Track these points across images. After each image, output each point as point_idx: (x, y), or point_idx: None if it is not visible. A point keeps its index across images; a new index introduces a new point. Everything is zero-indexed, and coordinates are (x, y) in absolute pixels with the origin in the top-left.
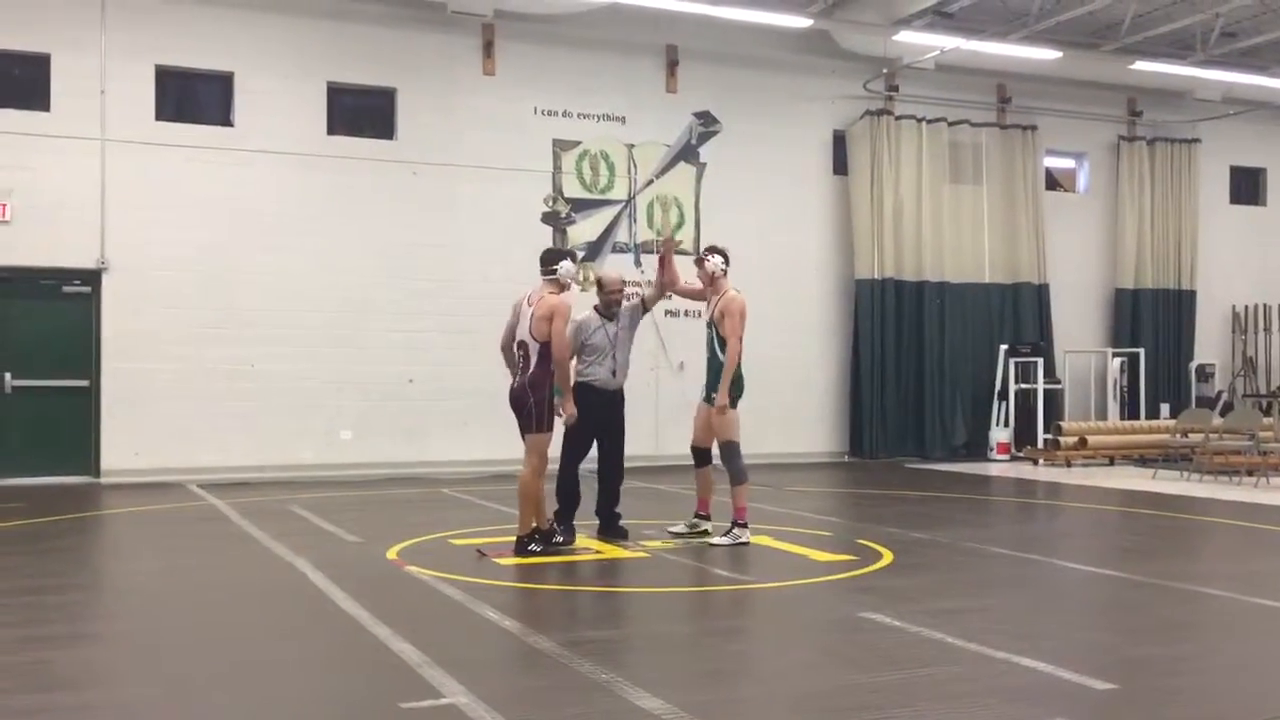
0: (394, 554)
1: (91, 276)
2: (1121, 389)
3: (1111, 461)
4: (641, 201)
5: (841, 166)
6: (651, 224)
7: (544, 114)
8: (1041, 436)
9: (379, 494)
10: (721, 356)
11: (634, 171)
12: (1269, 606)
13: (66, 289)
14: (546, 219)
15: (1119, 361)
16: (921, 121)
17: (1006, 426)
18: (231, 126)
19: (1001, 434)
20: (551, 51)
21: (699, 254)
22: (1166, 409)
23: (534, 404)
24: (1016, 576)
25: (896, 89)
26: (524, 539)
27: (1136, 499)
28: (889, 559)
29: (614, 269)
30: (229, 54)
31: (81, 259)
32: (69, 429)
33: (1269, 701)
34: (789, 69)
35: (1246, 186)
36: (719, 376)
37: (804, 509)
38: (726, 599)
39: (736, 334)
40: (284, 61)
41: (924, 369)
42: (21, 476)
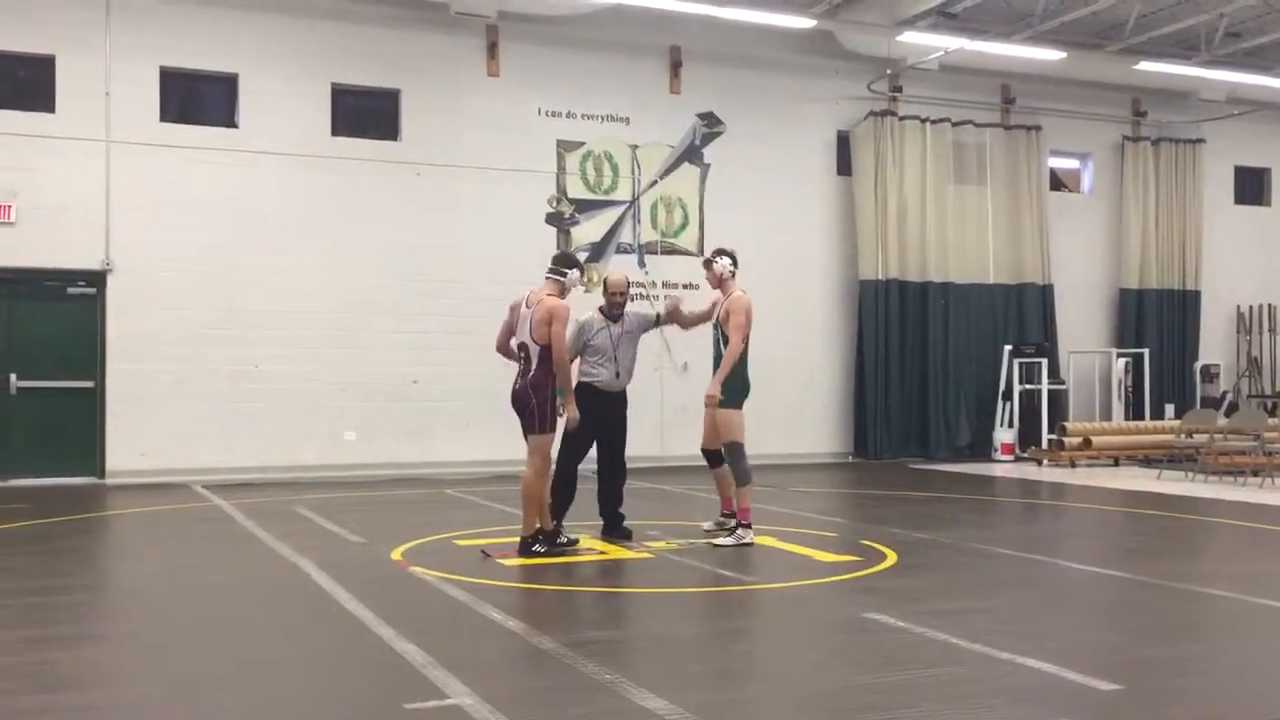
0: (398, 555)
1: (96, 278)
2: (1126, 389)
3: (1116, 462)
4: (645, 202)
5: (845, 167)
6: (655, 225)
7: (548, 115)
8: (1046, 437)
9: (383, 495)
10: None
11: (638, 172)
12: (1274, 607)
13: (71, 290)
14: (550, 220)
15: (1123, 362)
16: (925, 122)
17: (1011, 427)
18: (236, 128)
19: (1006, 435)
20: (555, 52)
21: (707, 256)
22: (1171, 409)
23: (536, 405)
24: (1021, 577)
25: (900, 89)
26: (528, 540)
27: (1141, 500)
28: (893, 560)
29: (619, 270)
30: (233, 55)
31: (86, 260)
32: (74, 430)
33: (1274, 702)
34: (793, 70)
35: (1251, 187)
36: (730, 379)
37: (808, 509)
38: (730, 600)
39: (742, 331)
40: (288, 63)
41: (928, 370)
42: (27, 477)
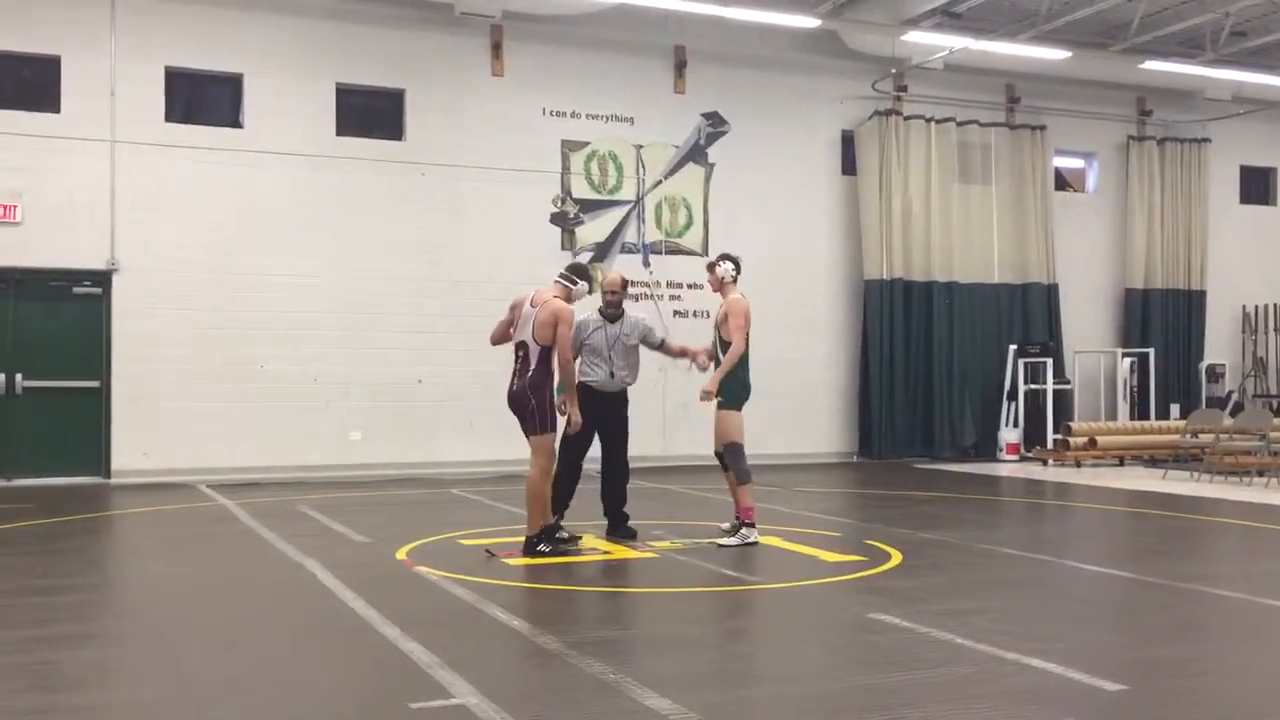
0: (403, 554)
1: (102, 277)
2: (1131, 389)
3: (1121, 462)
4: (650, 202)
5: (850, 167)
6: (660, 225)
7: (552, 115)
8: (1051, 437)
9: (388, 494)
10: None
11: (642, 172)
12: None
13: (77, 290)
14: (555, 220)
15: (1129, 362)
16: (930, 122)
17: (1016, 427)
18: (241, 128)
19: (1011, 434)
20: (560, 52)
21: (711, 259)
22: (1176, 409)
23: (535, 406)
24: (1027, 577)
25: (905, 89)
26: (533, 539)
27: (1146, 500)
28: (898, 559)
29: (617, 271)
30: (238, 55)
31: (92, 260)
32: (79, 429)
33: None
34: (797, 69)
35: (1257, 186)
36: (729, 380)
37: (812, 509)
38: (735, 599)
39: (742, 331)
40: (293, 63)
41: (933, 369)
42: (32, 477)
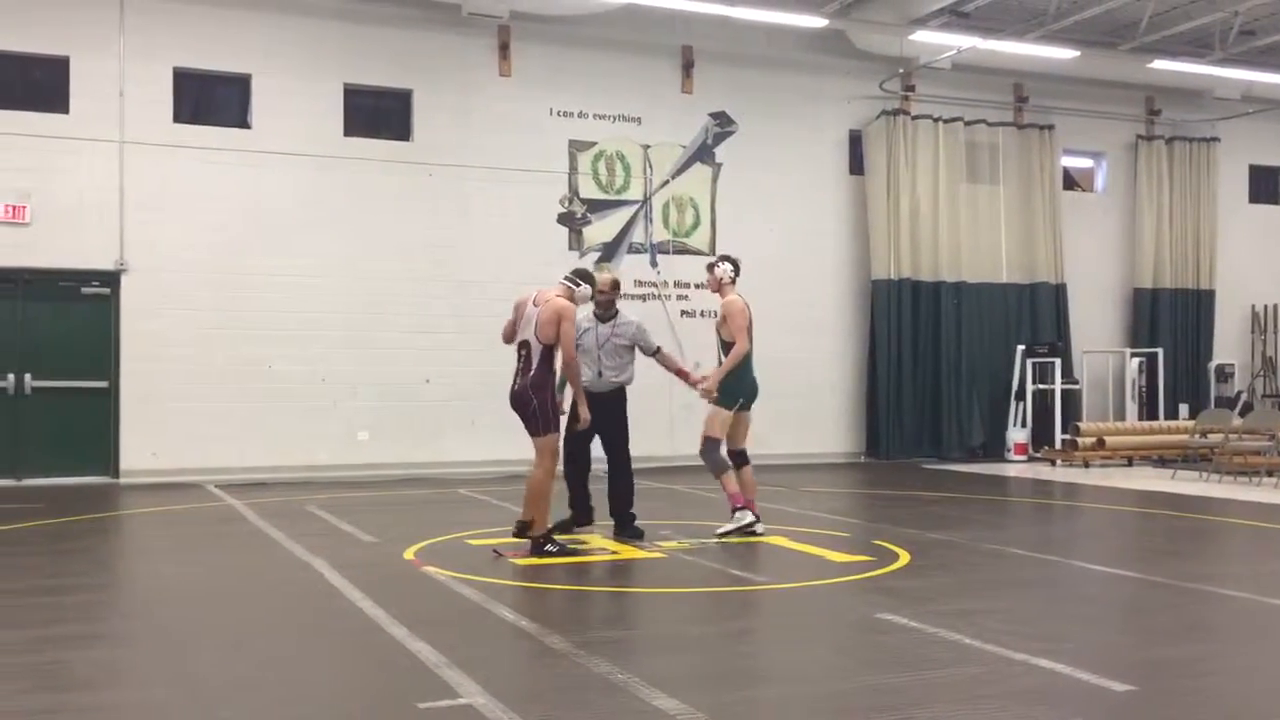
0: (411, 554)
1: (110, 278)
2: (1140, 389)
3: (1130, 462)
4: (657, 202)
5: (858, 166)
6: (667, 225)
7: (560, 115)
8: (1059, 437)
9: (395, 494)
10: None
11: (650, 172)
12: None
13: (85, 290)
14: (562, 220)
15: (1137, 362)
16: (938, 121)
17: (1024, 427)
18: (249, 128)
19: (1019, 435)
20: (567, 52)
21: (711, 260)
22: (1185, 409)
23: (537, 405)
24: (1034, 578)
25: (913, 89)
26: (540, 539)
27: (1155, 500)
28: (906, 560)
29: (609, 272)
30: (246, 56)
31: (100, 260)
32: (88, 430)
33: None
34: (805, 69)
35: (1266, 185)
36: (729, 379)
37: (820, 509)
38: (743, 599)
39: (744, 331)
40: (300, 63)
41: (941, 369)
42: (41, 477)
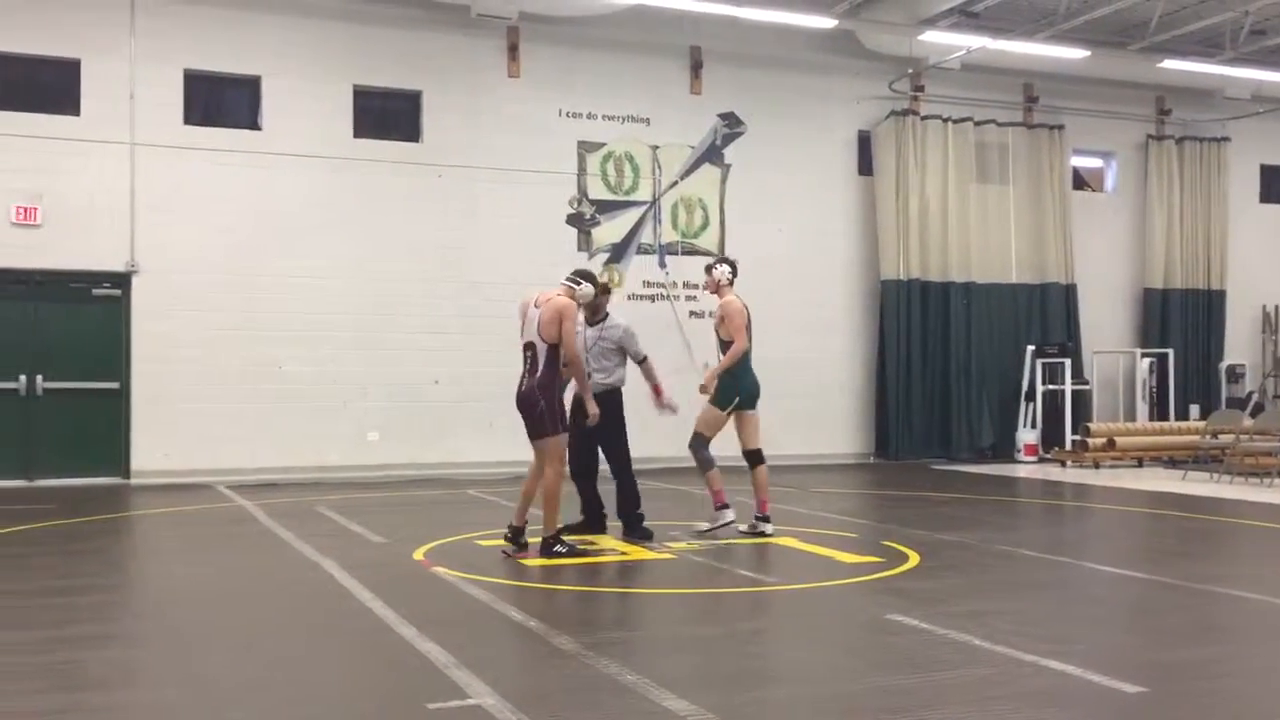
0: (420, 555)
1: (121, 279)
2: (1150, 390)
3: (1140, 463)
4: (666, 203)
5: (867, 167)
6: (676, 226)
7: (568, 116)
8: (1069, 438)
9: (405, 495)
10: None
11: (658, 173)
12: None
13: (96, 292)
14: (571, 221)
15: (1148, 362)
16: (947, 121)
17: (1034, 428)
18: (259, 130)
19: (1029, 435)
20: (576, 53)
21: (709, 262)
22: (1196, 410)
23: (545, 406)
24: (1045, 579)
25: (922, 89)
26: (549, 540)
27: (1165, 501)
28: (915, 561)
29: (603, 276)
30: (256, 58)
31: (111, 262)
32: (99, 431)
33: None
34: (814, 70)
35: (1276, 185)
36: (726, 378)
37: (829, 510)
38: (752, 600)
39: (742, 332)
40: (310, 65)
41: (950, 370)
42: (53, 478)
